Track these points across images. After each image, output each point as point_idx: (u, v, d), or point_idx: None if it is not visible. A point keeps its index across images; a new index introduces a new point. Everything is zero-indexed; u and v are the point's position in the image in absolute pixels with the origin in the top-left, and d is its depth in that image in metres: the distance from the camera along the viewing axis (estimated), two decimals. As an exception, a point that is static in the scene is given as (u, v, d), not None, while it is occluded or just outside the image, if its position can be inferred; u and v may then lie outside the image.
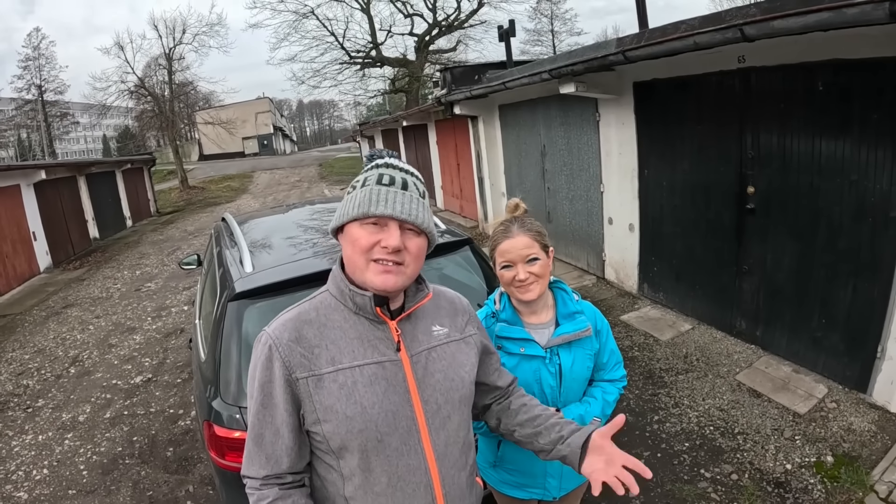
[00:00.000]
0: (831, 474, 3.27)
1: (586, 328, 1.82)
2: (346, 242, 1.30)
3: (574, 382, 1.84)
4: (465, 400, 1.42)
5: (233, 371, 2.50)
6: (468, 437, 1.45)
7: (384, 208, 1.23)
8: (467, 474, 1.44)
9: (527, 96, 8.00)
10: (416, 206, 1.28)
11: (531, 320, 1.84)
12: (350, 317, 1.32)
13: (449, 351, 1.41)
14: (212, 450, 2.45)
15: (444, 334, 1.42)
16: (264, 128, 54.77)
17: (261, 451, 1.29)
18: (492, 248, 1.82)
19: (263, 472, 1.29)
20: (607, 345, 1.91)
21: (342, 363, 1.27)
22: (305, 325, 1.30)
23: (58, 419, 5.12)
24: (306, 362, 1.26)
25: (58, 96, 41.64)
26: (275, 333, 1.29)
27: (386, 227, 1.25)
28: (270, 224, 4.11)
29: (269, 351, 1.27)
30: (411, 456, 1.30)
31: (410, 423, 1.30)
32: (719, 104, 4.79)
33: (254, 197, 23.26)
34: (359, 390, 1.26)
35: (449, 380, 1.37)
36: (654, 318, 5.76)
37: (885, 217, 3.64)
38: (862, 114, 3.66)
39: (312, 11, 27.68)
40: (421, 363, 1.34)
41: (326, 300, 1.35)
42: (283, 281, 2.64)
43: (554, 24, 41.53)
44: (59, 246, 13.46)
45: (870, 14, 2.72)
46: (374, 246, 1.25)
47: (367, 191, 1.26)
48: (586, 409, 1.84)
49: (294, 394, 1.26)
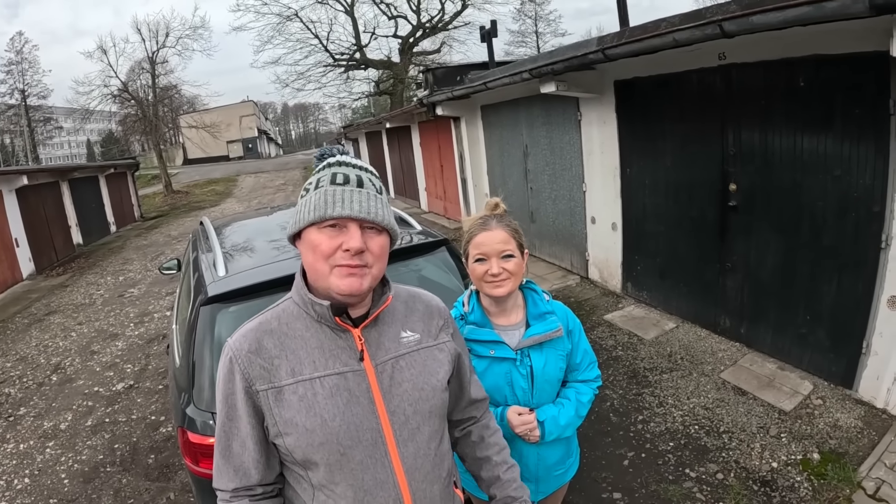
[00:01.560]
0: (818, 471, 3.25)
1: (557, 329, 1.78)
2: (305, 249, 1.24)
3: (546, 384, 1.80)
4: (436, 410, 1.35)
5: (206, 376, 2.45)
6: (441, 448, 1.39)
7: (341, 209, 1.18)
8: (442, 486, 1.38)
9: (509, 96, 7.98)
10: (375, 203, 1.22)
11: (501, 322, 1.80)
12: (312, 325, 1.27)
13: (419, 359, 1.34)
14: (186, 456, 2.42)
15: (414, 341, 1.36)
16: (249, 131, 54.48)
17: (228, 463, 1.26)
18: (467, 240, 1.75)
19: (233, 484, 1.26)
20: (580, 345, 1.87)
21: (302, 374, 1.23)
22: (266, 335, 1.26)
23: (39, 427, 5.06)
24: (266, 374, 1.22)
25: (41, 101, 41.34)
26: (235, 345, 1.25)
27: (345, 228, 1.19)
28: (248, 228, 4.07)
29: (229, 363, 1.24)
30: (378, 469, 1.25)
31: (376, 436, 1.24)
32: (700, 102, 4.79)
33: (238, 201, 23.10)
34: (319, 402, 1.21)
35: (418, 389, 1.31)
36: (639, 317, 5.74)
37: (868, 212, 3.64)
38: (844, 109, 3.66)
39: (296, 14, 27.56)
40: (387, 372, 1.29)
41: (289, 308, 1.30)
42: (254, 284, 2.60)
43: (538, 25, 41.76)
44: (42, 252, 13.28)
45: (849, 8, 2.71)
46: (335, 250, 1.19)
47: (322, 192, 1.21)
48: (559, 411, 1.80)
49: (256, 406, 1.23)
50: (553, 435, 1.77)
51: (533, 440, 1.76)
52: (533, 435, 1.75)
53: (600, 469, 3.51)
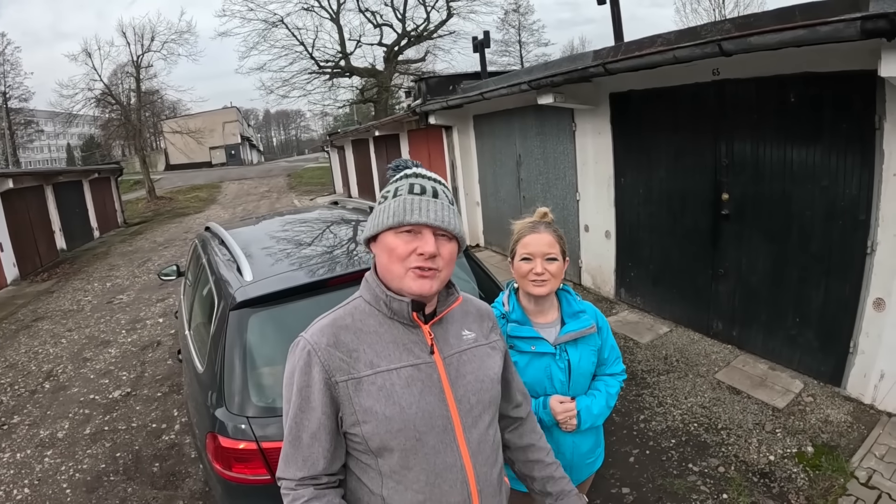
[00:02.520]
0: (813, 463, 3.44)
1: (591, 325, 1.94)
2: (380, 251, 1.35)
3: (581, 377, 1.95)
4: (494, 400, 1.49)
5: (237, 380, 2.47)
6: (497, 437, 1.51)
7: (419, 217, 1.29)
8: (498, 471, 1.49)
9: (502, 107, 8.13)
10: (448, 213, 1.33)
11: (539, 320, 1.94)
12: (385, 321, 1.37)
13: (478, 354, 1.47)
14: (217, 462, 2.40)
15: (472, 339, 1.48)
16: (232, 137, 53.97)
17: (298, 453, 1.32)
18: (515, 240, 1.91)
19: (300, 473, 1.32)
20: (608, 341, 2.03)
21: (380, 366, 1.32)
22: (342, 330, 1.35)
23: (35, 436, 4.97)
24: (345, 366, 1.30)
25: (22, 104, 40.43)
26: (313, 339, 1.33)
27: (420, 234, 1.30)
28: (253, 234, 4.07)
29: (307, 356, 1.31)
30: (448, 453, 1.34)
31: (446, 422, 1.35)
32: (694, 114, 4.97)
33: (223, 207, 22.94)
34: (397, 392, 1.30)
35: (479, 381, 1.43)
36: (633, 322, 5.91)
37: (854, 220, 3.85)
38: (832, 123, 3.88)
39: (282, 20, 27.67)
40: (453, 365, 1.40)
41: (360, 306, 1.40)
42: (285, 290, 2.64)
43: (521, 35, 42.04)
44: (27, 257, 13.13)
45: (842, 31, 2.90)
46: (411, 254, 1.30)
47: (402, 200, 1.32)
48: (592, 401, 1.95)
49: (333, 397, 1.30)
50: (587, 423, 1.92)
51: (570, 428, 1.90)
52: (571, 423, 1.89)
53: (608, 466, 3.64)
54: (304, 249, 3.32)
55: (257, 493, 2.31)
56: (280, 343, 2.41)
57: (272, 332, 2.63)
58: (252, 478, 2.31)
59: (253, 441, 2.29)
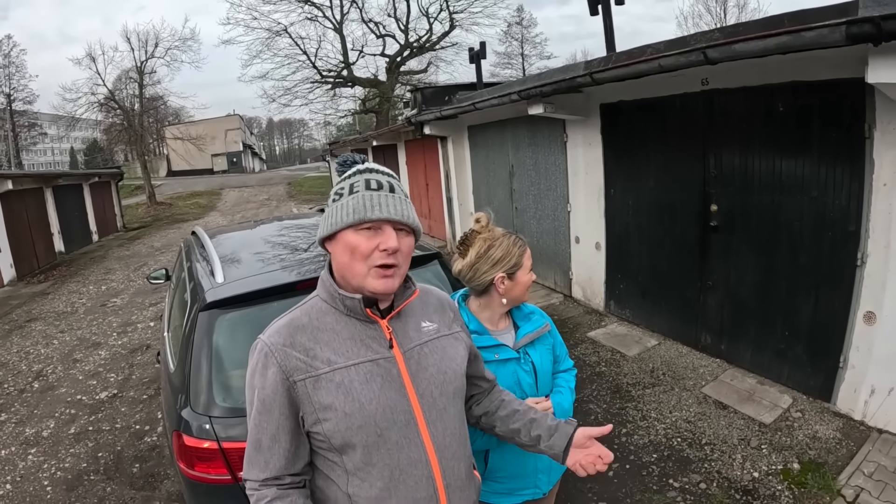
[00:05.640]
0: (798, 480, 3.35)
1: (545, 325, 1.98)
2: (340, 250, 1.33)
3: (545, 376, 1.97)
4: (458, 392, 1.47)
5: (203, 380, 2.47)
6: (464, 430, 1.50)
7: (380, 212, 1.29)
8: (466, 465, 1.48)
9: (496, 117, 8.13)
10: (406, 206, 1.34)
11: (493, 328, 1.95)
12: (342, 318, 1.36)
13: (440, 346, 1.46)
14: (181, 460, 2.40)
15: (433, 330, 1.47)
16: (234, 145, 54.29)
17: (259, 455, 1.32)
18: (520, 253, 1.89)
19: (263, 475, 1.31)
20: (558, 338, 2.08)
21: (337, 363, 1.31)
22: (298, 330, 1.34)
23: (21, 434, 5.01)
24: (303, 365, 1.29)
25: (27, 106, 40.80)
26: (269, 340, 1.32)
27: (380, 230, 1.30)
28: (240, 238, 4.13)
29: (264, 357, 1.30)
30: (412, 449, 1.33)
31: (408, 417, 1.34)
32: (683, 125, 4.95)
33: (222, 214, 23.06)
34: (356, 388, 1.29)
35: (442, 373, 1.42)
36: (621, 335, 5.84)
37: (844, 231, 3.79)
38: (821, 133, 3.83)
39: (286, 29, 27.82)
40: (414, 358, 1.39)
41: (317, 305, 1.39)
42: (252, 292, 2.65)
43: (524, 47, 42.37)
44: (24, 259, 13.17)
45: (827, 37, 2.86)
46: (373, 251, 1.29)
47: (360, 197, 1.31)
48: (562, 398, 1.96)
49: (292, 397, 1.29)
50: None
51: None
52: None
53: (585, 480, 3.49)
54: (286, 253, 3.34)
55: (219, 493, 2.32)
56: (249, 345, 2.38)
57: (242, 334, 2.61)
58: (214, 477, 2.31)
59: (215, 441, 2.29)
